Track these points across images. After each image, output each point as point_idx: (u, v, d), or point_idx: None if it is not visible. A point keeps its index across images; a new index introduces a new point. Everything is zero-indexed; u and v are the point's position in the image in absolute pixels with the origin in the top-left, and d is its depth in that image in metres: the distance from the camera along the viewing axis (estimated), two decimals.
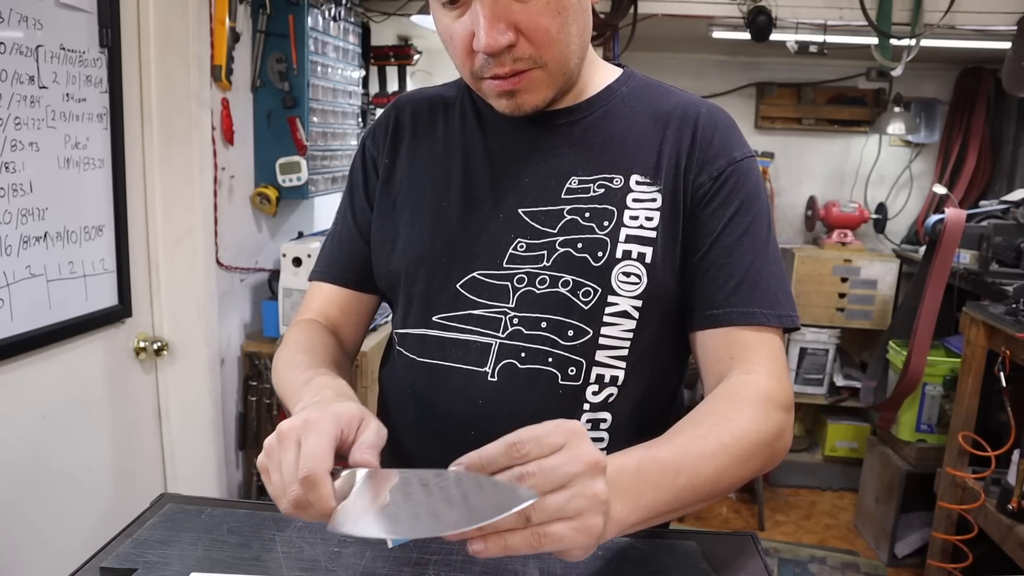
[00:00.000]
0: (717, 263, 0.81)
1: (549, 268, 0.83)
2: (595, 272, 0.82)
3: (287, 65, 2.08)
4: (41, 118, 1.44)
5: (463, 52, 0.79)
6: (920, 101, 3.36)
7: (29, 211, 1.42)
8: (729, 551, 0.78)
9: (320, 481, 0.59)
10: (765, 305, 0.80)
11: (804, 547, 2.82)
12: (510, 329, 0.83)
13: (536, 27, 0.76)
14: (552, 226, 0.84)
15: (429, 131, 0.93)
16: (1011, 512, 1.96)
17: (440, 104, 0.95)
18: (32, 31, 1.40)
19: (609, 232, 0.82)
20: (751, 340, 0.79)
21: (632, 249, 0.81)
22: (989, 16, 2.38)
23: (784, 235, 3.54)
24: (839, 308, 3.13)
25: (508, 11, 0.74)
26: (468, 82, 0.84)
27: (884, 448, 2.77)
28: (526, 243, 0.84)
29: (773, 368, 0.79)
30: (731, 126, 0.86)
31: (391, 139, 0.95)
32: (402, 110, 0.96)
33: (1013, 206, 2.47)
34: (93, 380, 1.69)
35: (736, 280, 0.81)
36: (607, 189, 0.84)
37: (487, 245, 0.85)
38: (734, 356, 0.79)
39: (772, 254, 0.83)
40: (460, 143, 0.91)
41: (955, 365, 2.48)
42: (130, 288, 1.74)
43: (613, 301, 0.81)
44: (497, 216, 0.85)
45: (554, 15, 0.76)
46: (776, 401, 0.76)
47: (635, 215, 0.83)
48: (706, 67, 3.42)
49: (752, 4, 2.39)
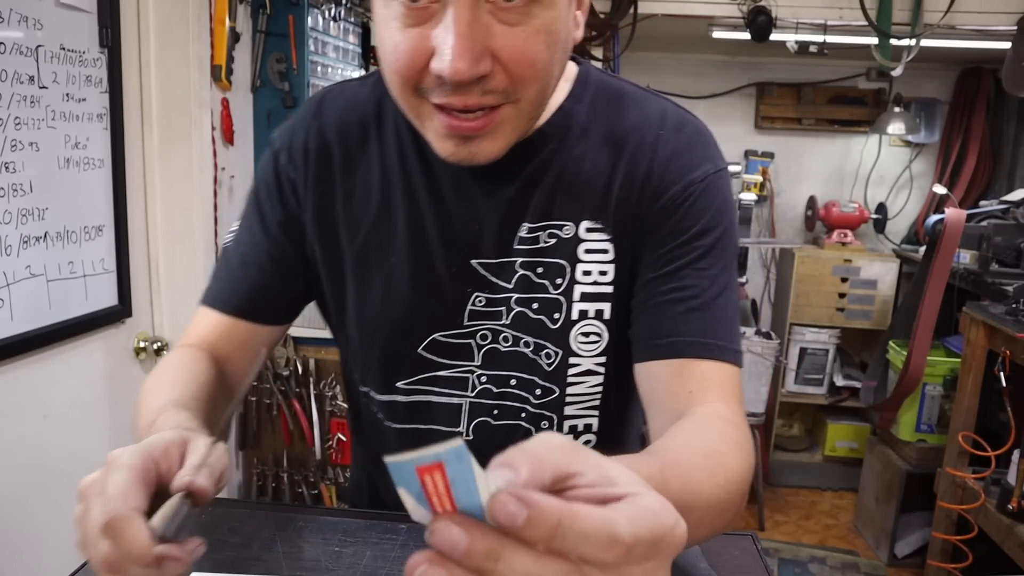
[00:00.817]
0: (670, 287, 0.72)
1: (509, 327, 0.77)
2: (554, 334, 0.76)
3: (287, 65, 2.08)
4: (41, 118, 1.44)
5: (410, 67, 0.62)
6: (920, 101, 3.36)
7: (29, 211, 1.42)
8: (729, 551, 0.78)
9: (124, 523, 0.46)
10: (723, 336, 0.71)
11: (804, 547, 2.82)
12: (479, 387, 0.80)
13: (520, 58, 0.61)
14: (507, 280, 0.76)
15: (362, 156, 0.79)
16: (1011, 512, 1.96)
17: (371, 117, 0.79)
18: (32, 31, 1.40)
19: (563, 291, 0.75)
20: (711, 374, 0.70)
21: (588, 308, 0.75)
22: (989, 16, 2.38)
23: (784, 235, 3.54)
24: (839, 308, 3.13)
25: (488, 32, 0.60)
26: (401, 103, 0.67)
27: (884, 448, 2.77)
28: (485, 297, 0.77)
29: (739, 412, 0.70)
30: (693, 142, 0.75)
31: (316, 165, 0.79)
32: (326, 125, 0.79)
33: (1013, 206, 2.47)
34: (93, 380, 1.68)
35: (693, 307, 0.72)
36: (558, 239, 0.75)
37: (445, 303, 0.77)
38: (693, 391, 0.69)
39: (732, 283, 0.75)
40: (399, 177, 0.77)
41: (955, 365, 2.48)
42: (130, 288, 1.74)
43: (575, 362, 0.77)
44: (451, 270, 0.76)
45: (544, 46, 0.62)
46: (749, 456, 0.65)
47: (588, 269, 0.75)
48: (706, 67, 3.42)
49: (752, 4, 2.39)
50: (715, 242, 0.73)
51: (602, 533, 0.32)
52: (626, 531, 0.32)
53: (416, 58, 0.61)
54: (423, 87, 0.63)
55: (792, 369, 3.20)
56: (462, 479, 0.32)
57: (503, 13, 0.60)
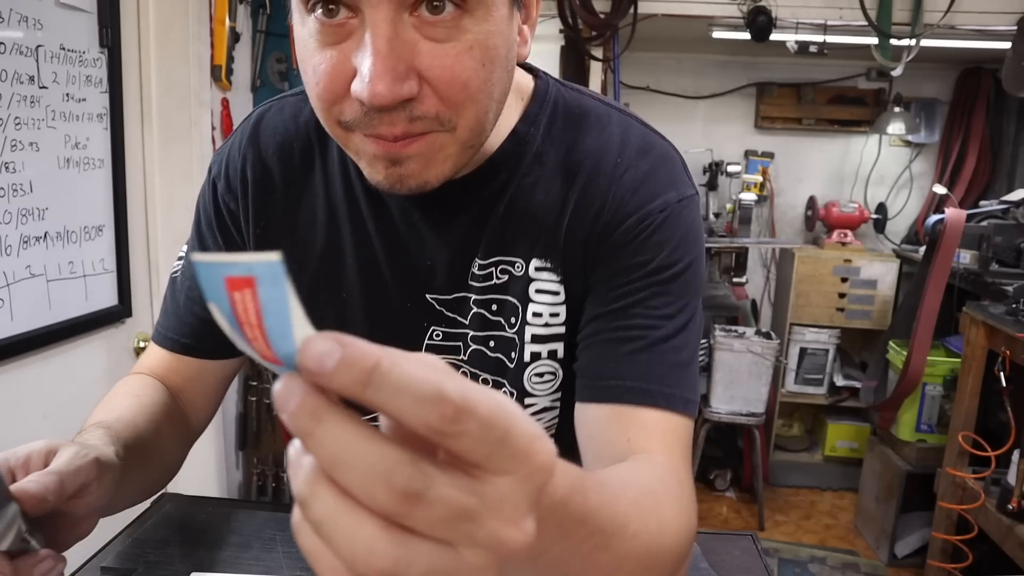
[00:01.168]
0: (617, 325, 0.66)
1: (467, 363, 0.73)
2: (511, 373, 0.72)
3: (287, 65, 2.08)
4: (41, 118, 1.44)
5: (330, 91, 0.55)
6: (920, 101, 3.36)
7: (29, 211, 1.42)
8: (729, 551, 0.78)
9: None
10: (672, 382, 0.64)
11: (804, 547, 2.82)
12: None
13: (451, 79, 0.54)
14: (463, 315, 0.72)
15: (305, 184, 0.73)
16: (1011, 512, 1.96)
17: (314, 139, 0.72)
18: (32, 31, 1.40)
19: (516, 331, 0.71)
20: (653, 423, 0.63)
21: (541, 350, 0.71)
22: (989, 16, 2.38)
23: (784, 235, 3.55)
24: (839, 308, 3.13)
25: (412, 50, 0.53)
26: (329, 130, 0.60)
27: (884, 448, 2.77)
28: (442, 332, 0.73)
29: (684, 467, 0.62)
30: (655, 168, 0.68)
31: (256, 196, 0.73)
32: (265, 151, 0.73)
33: (1013, 206, 2.47)
34: (93, 380, 1.68)
35: (639, 347, 0.65)
36: (510, 276, 0.70)
37: (400, 337, 0.72)
38: (632, 439, 0.63)
39: (692, 324, 0.67)
40: (346, 208, 0.72)
41: (955, 365, 2.48)
42: (130, 288, 1.74)
43: (530, 402, 0.74)
44: (405, 304, 0.73)
45: (477, 64, 0.55)
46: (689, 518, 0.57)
47: (539, 311, 0.70)
48: (706, 67, 3.42)
49: (752, 4, 2.39)
50: (673, 278, 0.66)
51: (424, 384, 0.26)
52: (454, 390, 0.27)
53: (336, 81, 0.54)
54: (346, 120, 0.56)
55: (792, 369, 3.20)
56: (275, 307, 0.27)
57: (430, 28, 0.53)
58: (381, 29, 0.51)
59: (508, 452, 0.28)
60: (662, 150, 0.70)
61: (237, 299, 0.28)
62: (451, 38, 0.53)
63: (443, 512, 0.27)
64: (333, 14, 0.53)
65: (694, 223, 0.68)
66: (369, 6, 0.51)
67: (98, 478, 0.56)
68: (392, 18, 0.52)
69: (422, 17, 0.53)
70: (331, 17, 0.53)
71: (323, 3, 0.53)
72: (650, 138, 0.70)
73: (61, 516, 0.55)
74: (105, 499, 0.58)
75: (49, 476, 0.52)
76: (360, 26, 0.53)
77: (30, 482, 0.51)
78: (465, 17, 0.53)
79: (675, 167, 0.69)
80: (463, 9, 0.53)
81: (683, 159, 0.71)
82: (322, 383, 0.27)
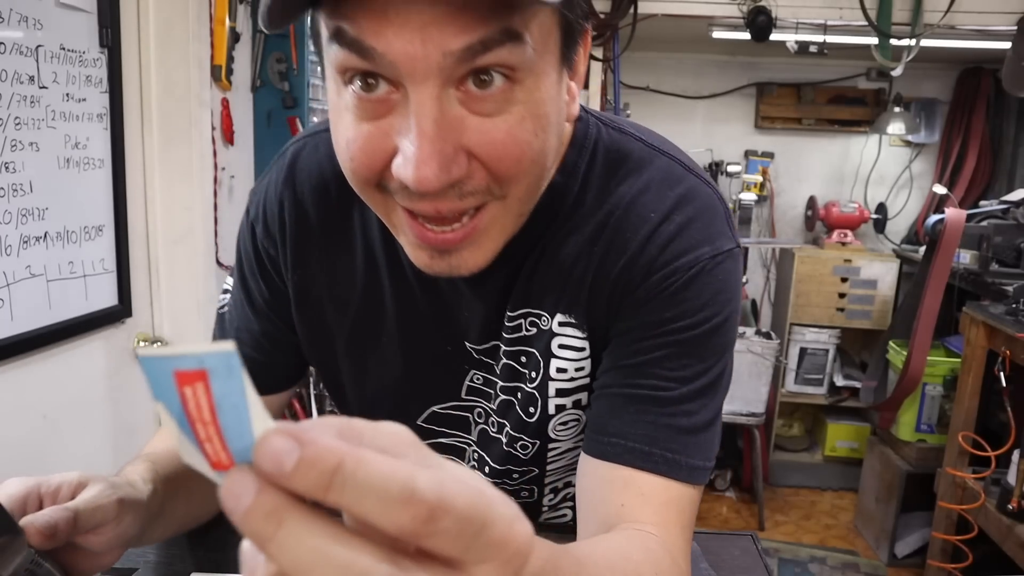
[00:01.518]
0: (630, 382, 0.62)
1: (496, 412, 0.73)
2: (532, 426, 0.71)
3: (287, 65, 2.08)
4: (41, 118, 1.44)
5: (367, 166, 0.52)
6: (920, 101, 3.36)
7: (29, 211, 1.42)
8: (729, 551, 0.78)
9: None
10: (680, 448, 0.61)
11: (804, 547, 2.82)
12: (472, 462, 0.78)
13: (503, 155, 0.50)
14: (496, 364, 0.71)
15: (344, 227, 0.70)
16: (1011, 512, 1.96)
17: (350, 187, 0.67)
18: (32, 31, 1.40)
19: (537, 386, 0.69)
20: (652, 491, 0.60)
21: (565, 402, 0.69)
22: (989, 16, 2.38)
23: (784, 235, 3.55)
24: (839, 308, 3.13)
25: (460, 128, 0.49)
26: (364, 198, 0.56)
27: (884, 448, 2.77)
28: (481, 376, 0.72)
29: (680, 544, 0.59)
30: (691, 221, 0.63)
31: (293, 241, 0.71)
32: (302, 193, 0.70)
33: (1013, 206, 2.47)
34: (93, 380, 1.68)
35: (647, 408, 0.61)
36: (537, 329, 0.68)
37: (442, 377, 0.73)
38: (626, 504, 0.60)
39: (714, 387, 0.63)
40: (384, 257, 0.69)
41: (955, 365, 2.48)
42: (130, 288, 1.74)
43: (554, 446, 0.73)
44: (445, 348, 0.72)
45: (530, 136, 0.51)
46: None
47: (563, 367, 0.68)
48: (706, 67, 3.42)
49: (752, 4, 2.39)
50: (695, 339, 0.62)
51: (393, 484, 0.24)
52: (427, 488, 0.25)
53: (374, 158, 0.51)
54: (385, 184, 0.52)
55: (792, 369, 3.20)
56: (231, 402, 0.25)
57: (478, 103, 0.49)
58: (427, 108, 0.47)
59: (486, 542, 0.26)
60: (703, 199, 0.64)
61: (188, 395, 0.25)
62: (501, 111, 0.50)
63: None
64: (372, 88, 0.49)
65: (727, 280, 0.63)
66: (413, 82, 0.47)
67: (117, 518, 0.57)
68: (438, 95, 0.47)
69: (469, 92, 0.49)
70: (370, 92, 0.49)
71: (362, 76, 0.48)
72: (691, 185, 0.64)
73: (79, 548, 0.56)
74: (127, 536, 0.59)
75: (63, 512, 0.53)
76: (402, 102, 0.49)
77: (41, 516, 0.52)
78: (515, 88, 0.50)
79: (714, 218, 0.64)
80: (513, 80, 0.49)
81: (726, 208, 0.66)
82: (281, 484, 0.25)
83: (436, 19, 0.45)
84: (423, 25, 0.45)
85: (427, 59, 0.46)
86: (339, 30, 0.47)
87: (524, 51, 0.48)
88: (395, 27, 0.46)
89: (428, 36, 0.46)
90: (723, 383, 0.65)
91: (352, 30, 0.47)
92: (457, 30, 0.46)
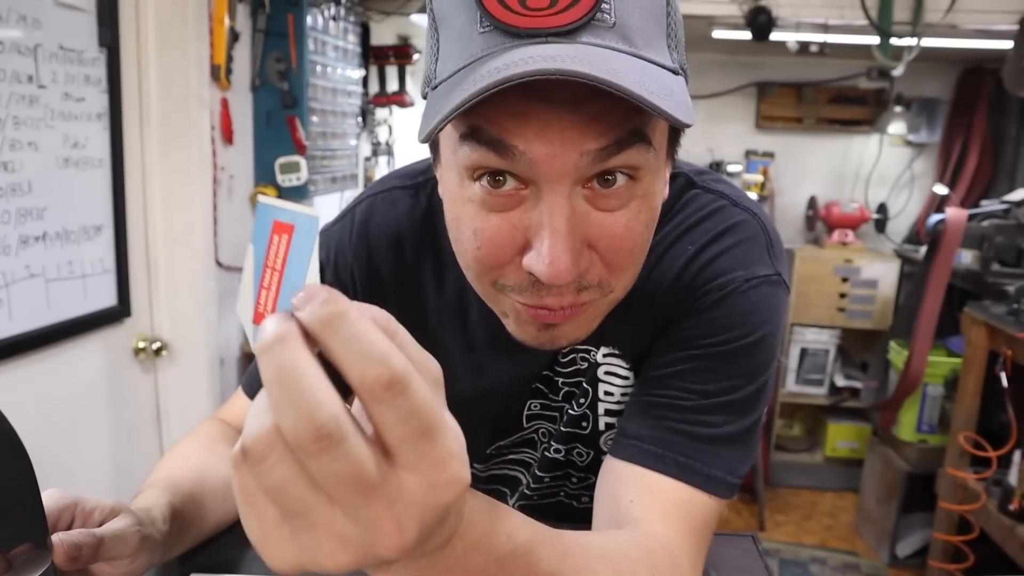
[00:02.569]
0: (654, 391, 0.65)
1: (555, 428, 0.77)
2: (585, 438, 0.76)
3: (286, 65, 2.08)
4: (40, 118, 1.43)
5: (494, 257, 0.54)
6: (921, 101, 3.36)
7: (28, 211, 1.42)
8: (730, 552, 0.78)
9: None
10: (697, 455, 0.62)
11: (805, 548, 2.81)
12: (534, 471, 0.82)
13: (619, 247, 0.53)
14: (555, 392, 0.76)
15: (413, 287, 0.74)
16: (1012, 513, 1.95)
17: (423, 237, 0.74)
18: (31, 30, 1.40)
19: (588, 406, 0.74)
20: (664, 491, 0.61)
21: (613, 421, 0.74)
22: (990, 16, 2.38)
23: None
24: (840, 308, 3.12)
25: (585, 222, 0.52)
26: (478, 289, 0.59)
27: (885, 448, 2.76)
28: (539, 403, 0.77)
29: (690, 548, 0.60)
30: (727, 248, 0.65)
31: (365, 290, 0.75)
32: (374, 250, 0.74)
33: (1014, 206, 2.47)
34: (92, 380, 1.68)
35: (665, 415, 0.63)
36: (588, 363, 0.73)
37: (503, 416, 0.78)
38: (635, 501, 0.61)
39: (735, 402, 0.64)
40: (455, 304, 0.74)
41: (956, 365, 2.47)
42: (129, 288, 1.74)
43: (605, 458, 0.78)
44: (505, 390, 0.77)
45: (643, 228, 0.54)
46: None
47: (610, 391, 0.72)
48: (706, 67, 3.42)
49: (753, 4, 2.38)
50: (721, 356, 0.63)
51: (377, 345, 0.28)
52: (400, 365, 0.28)
53: (503, 249, 0.53)
54: (504, 284, 0.55)
55: (793, 369, 3.20)
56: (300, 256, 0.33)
57: (602, 200, 0.52)
58: (560, 207, 0.50)
59: (422, 451, 0.29)
60: (745, 231, 0.66)
61: (275, 241, 0.33)
62: (620, 207, 0.53)
63: (343, 470, 0.28)
64: (500, 184, 0.51)
65: (762, 303, 0.64)
66: (547, 182, 0.50)
67: (134, 554, 0.59)
68: (568, 193, 0.50)
69: (595, 190, 0.51)
70: (497, 187, 0.51)
71: (491, 173, 0.51)
72: (737, 218, 0.67)
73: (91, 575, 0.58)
74: (137, 572, 0.61)
75: (91, 537, 0.55)
76: (532, 198, 0.51)
77: (70, 536, 0.54)
78: (635, 185, 0.53)
79: (753, 247, 0.66)
80: (634, 179, 0.52)
81: (771, 239, 0.68)
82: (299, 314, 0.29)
83: (574, 124, 0.48)
84: (563, 128, 0.48)
85: (565, 160, 0.49)
86: (476, 129, 0.50)
87: (649, 152, 0.51)
88: (535, 128, 0.48)
89: (568, 138, 0.48)
90: (756, 404, 0.65)
91: (492, 130, 0.49)
92: (596, 134, 0.49)
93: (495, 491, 0.87)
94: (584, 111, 0.48)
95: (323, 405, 0.28)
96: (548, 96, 0.48)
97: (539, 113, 0.48)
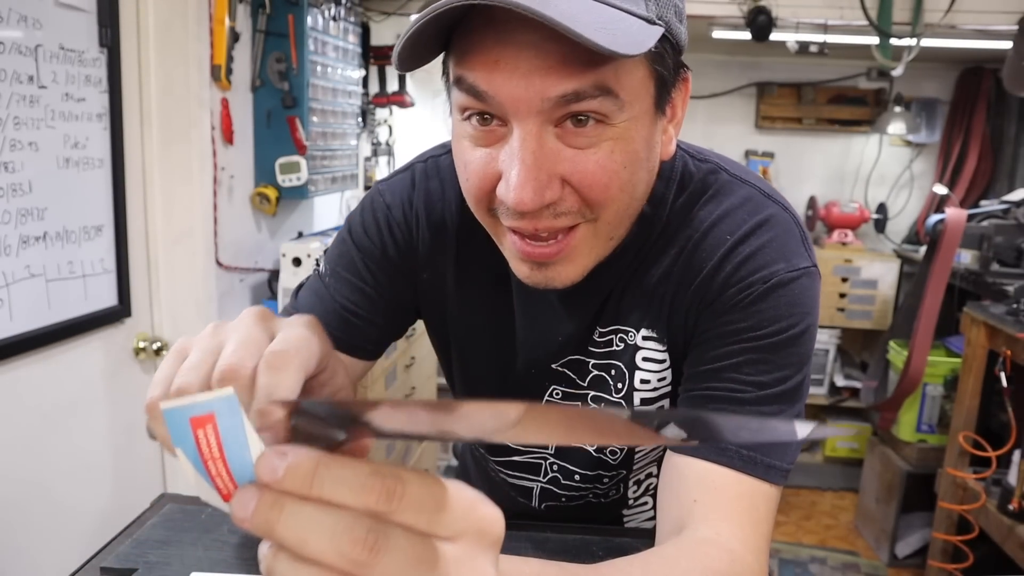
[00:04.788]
0: (707, 385, 0.67)
1: None
2: None
3: (287, 65, 2.08)
4: (40, 118, 1.44)
5: (479, 187, 0.61)
6: (921, 101, 3.36)
7: (28, 211, 1.42)
8: None
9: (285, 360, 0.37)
10: (750, 445, 0.64)
11: (804, 547, 2.82)
12: (550, 475, 0.84)
13: (592, 183, 0.58)
14: (582, 378, 0.77)
15: (476, 237, 0.74)
16: (1012, 512, 1.96)
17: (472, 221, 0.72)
18: (31, 31, 1.40)
19: (624, 396, 0.75)
20: (725, 485, 0.63)
21: None
22: (990, 16, 2.38)
23: None
24: (839, 308, 3.13)
25: (556, 159, 0.57)
26: (479, 218, 0.65)
27: (885, 448, 2.77)
28: (561, 391, 0.79)
29: (750, 541, 0.61)
30: (766, 243, 0.67)
31: (432, 238, 0.78)
32: (443, 203, 0.78)
33: (1014, 206, 2.47)
34: (93, 380, 1.68)
35: (722, 407, 0.66)
36: (625, 345, 0.74)
37: (523, 396, 0.78)
38: (698, 500, 0.63)
39: (790, 395, 0.67)
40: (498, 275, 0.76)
41: (956, 365, 2.47)
42: (129, 288, 1.74)
43: (640, 449, 0.81)
44: (529, 371, 0.79)
45: (618, 167, 0.58)
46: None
47: (646, 378, 0.74)
48: (706, 67, 3.42)
49: (752, 4, 2.39)
50: (771, 347, 0.66)
51: (358, 472, 0.31)
52: (384, 472, 0.31)
53: (485, 180, 0.60)
54: (494, 208, 0.62)
55: None
56: (234, 435, 0.32)
57: (573, 138, 0.57)
58: (526, 141, 0.56)
59: (451, 518, 0.32)
60: (781, 224, 0.69)
61: (200, 437, 0.32)
62: (592, 145, 0.57)
63: (405, 557, 0.30)
64: (487, 122, 0.58)
65: (803, 295, 0.67)
66: (517, 119, 0.56)
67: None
68: (537, 132, 0.56)
69: (566, 129, 0.57)
70: (484, 125, 0.58)
71: (479, 114, 0.58)
72: (769, 211, 0.69)
73: None
74: None
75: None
76: (508, 134, 0.57)
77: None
78: (607, 128, 0.57)
79: (790, 240, 0.68)
80: (605, 123, 0.57)
81: (803, 232, 0.70)
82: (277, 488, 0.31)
83: (538, 68, 0.54)
84: (527, 73, 0.54)
85: (529, 102, 0.55)
86: (460, 77, 0.57)
87: (615, 102, 0.56)
88: (504, 74, 0.55)
89: (531, 83, 0.54)
90: (802, 393, 0.69)
91: (470, 77, 0.56)
92: (556, 80, 0.54)
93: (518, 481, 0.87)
94: (549, 56, 0.53)
95: (358, 520, 0.30)
96: (514, 38, 0.53)
97: (508, 59, 0.54)
